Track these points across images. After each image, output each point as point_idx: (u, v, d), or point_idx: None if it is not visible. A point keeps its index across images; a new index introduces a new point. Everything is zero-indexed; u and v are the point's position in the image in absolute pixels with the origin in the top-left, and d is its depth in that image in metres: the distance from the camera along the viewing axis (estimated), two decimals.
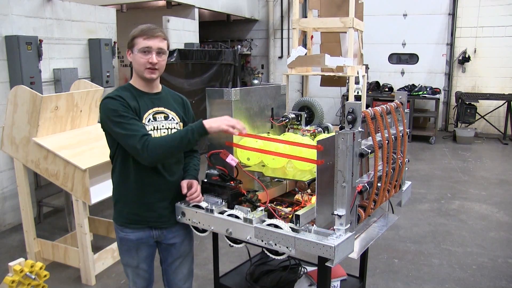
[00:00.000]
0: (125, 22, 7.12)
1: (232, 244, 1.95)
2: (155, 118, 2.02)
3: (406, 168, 2.18)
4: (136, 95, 2.00)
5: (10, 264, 2.46)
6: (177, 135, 1.88)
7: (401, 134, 1.99)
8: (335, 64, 5.09)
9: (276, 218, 1.84)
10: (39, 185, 4.51)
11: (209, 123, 1.86)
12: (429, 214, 4.80)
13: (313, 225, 1.71)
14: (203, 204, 1.99)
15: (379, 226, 2.11)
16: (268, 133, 2.31)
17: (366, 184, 1.72)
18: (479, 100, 8.44)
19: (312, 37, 5.79)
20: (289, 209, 1.96)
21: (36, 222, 3.94)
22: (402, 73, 9.58)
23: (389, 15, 9.37)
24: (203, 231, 2.05)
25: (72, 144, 3.34)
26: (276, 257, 1.87)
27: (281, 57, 10.53)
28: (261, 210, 1.89)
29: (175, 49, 6.19)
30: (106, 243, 3.81)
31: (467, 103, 8.35)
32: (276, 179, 2.24)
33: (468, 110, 8.32)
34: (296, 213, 1.73)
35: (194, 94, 6.44)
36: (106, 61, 5.43)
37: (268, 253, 1.87)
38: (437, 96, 8.59)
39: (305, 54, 5.38)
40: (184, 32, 7.48)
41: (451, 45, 9.10)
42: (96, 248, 3.69)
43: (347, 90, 6.46)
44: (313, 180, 2.01)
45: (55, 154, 3.15)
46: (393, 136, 1.90)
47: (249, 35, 10.93)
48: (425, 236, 4.24)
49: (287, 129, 2.43)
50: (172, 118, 2.07)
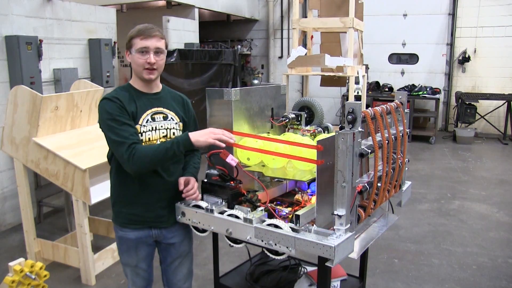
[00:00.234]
0: (125, 22, 7.12)
1: (232, 244, 1.95)
2: (153, 118, 2.01)
3: (406, 168, 2.18)
4: (134, 96, 2.00)
5: (10, 264, 2.46)
6: (162, 147, 1.88)
7: (401, 134, 1.99)
8: (335, 64, 5.09)
9: (276, 218, 1.84)
10: (39, 185, 4.51)
11: (195, 137, 1.86)
12: (429, 214, 4.80)
13: (313, 225, 1.71)
14: (203, 204, 1.99)
15: (379, 226, 2.11)
16: (268, 133, 2.31)
17: (366, 184, 1.72)
18: (479, 100, 8.44)
19: (312, 37, 5.79)
20: (289, 209, 1.96)
21: (36, 222, 3.94)
22: (402, 73, 9.58)
23: (389, 15, 9.37)
24: (203, 231, 2.04)
25: (72, 144, 3.34)
26: (276, 257, 1.86)
27: (281, 57, 10.53)
28: (261, 210, 1.89)
29: (175, 49, 6.19)
30: (106, 243, 3.81)
31: (467, 103, 8.35)
32: (276, 179, 2.24)
33: (468, 110, 8.32)
34: (296, 213, 1.73)
35: (194, 94, 6.44)
36: (106, 61, 5.43)
37: (268, 253, 1.87)
38: (437, 96, 8.58)
39: (305, 54, 5.38)
40: (184, 32, 7.48)
41: (451, 45, 9.10)
42: (96, 248, 3.69)
43: (347, 90, 6.46)
44: (313, 180, 2.01)
45: (55, 154, 3.15)
46: (393, 136, 1.90)
47: (249, 35, 10.93)
48: (425, 236, 4.24)
49: (287, 129, 2.43)
50: (172, 118, 2.07)
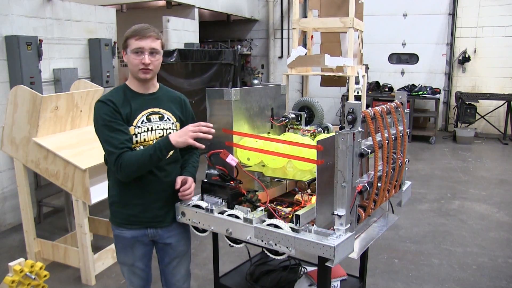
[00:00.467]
0: (125, 22, 7.11)
1: (232, 244, 1.95)
2: (149, 119, 2.02)
3: (406, 168, 2.18)
4: (130, 97, 2.00)
5: (10, 264, 2.46)
6: (146, 154, 1.90)
7: (401, 134, 1.99)
8: (335, 64, 5.09)
9: (276, 218, 1.84)
10: (39, 185, 4.51)
11: (175, 139, 1.87)
12: (429, 214, 4.80)
13: (313, 225, 1.71)
14: (203, 204, 1.99)
15: (379, 226, 2.11)
16: (268, 133, 2.31)
17: (366, 184, 1.72)
18: (479, 100, 8.44)
19: (312, 37, 5.79)
20: (289, 209, 1.96)
21: (36, 222, 3.94)
22: (402, 73, 9.58)
23: (389, 15, 9.37)
24: (203, 231, 2.04)
25: (72, 144, 3.34)
26: (276, 257, 1.87)
27: (281, 57, 10.54)
28: (261, 210, 1.89)
29: (175, 49, 6.19)
30: (106, 243, 3.81)
31: (467, 103, 8.35)
32: (276, 179, 2.24)
33: (468, 110, 8.32)
34: (296, 213, 1.73)
35: (194, 94, 6.44)
36: (106, 61, 5.43)
37: (268, 253, 1.87)
38: (437, 96, 8.58)
39: (305, 54, 5.38)
40: (184, 32, 7.48)
41: (451, 45, 9.10)
42: (96, 248, 3.68)
43: (347, 90, 6.46)
44: (313, 180, 2.01)
45: (55, 154, 3.15)
46: (393, 136, 1.90)
47: (249, 35, 10.93)
48: (425, 236, 4.24)
49: (287, 129, 2.43)
50: (168, 118, 2.07)
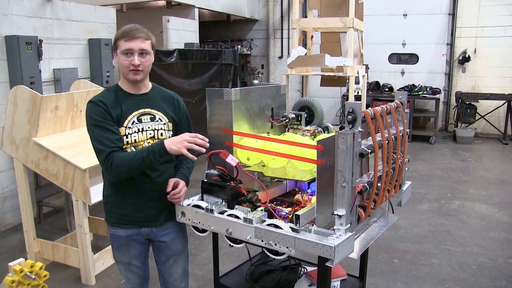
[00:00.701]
0: (125, 22, 7.09)
1: (232, 244, 1.96)
2: (140, 120, 2.01)
3: (406, 168, 2.18)
4: (121, 97, 2.00)
5: (10, 264, 2.46)
6: (139, 156, 1.89)
7: (401, 134, 1.99)
8: (335, 64, 5.09)
9: (276, 218, 1.84)
10: (39, 185, 4.51)
11: (169, 145, 1.87)
12: (429, 214, 4.80)
13: (313, 225, 1.72)
14: (203, 204, 1.99)
15: (379, 226, 2.11)
16: (268, 133, 2.31)
17: (366, 184, 1.72)
18: (479, 100, 8.44)
19: (312, 37, 5.79)
20: (289, 209, 1.97)
21: (36, 222, 3.94)
22: (402, 73, 9.58)
23: (389, 15, 9.37)
24: (203, 231, 2.05)
25: (72, 144, 3.34)
26: (276, 257, 1.87)
27: (281, 57, 10.53)
28: (261, 210, 1.89)
29: (175, 49, 6.19)
30: (106, 243, 3.81)
31: (467, 103, 8.35)
32: (276, 179, 2.24)
33: (468, 110, 8.32)
34: (296, 213, 1.73)
35: (194, 94, 6.44)
36: (106, 61, 5.43)
37: (268, 253, 1.87)
38: (437, 96, 8.59)
39: (305, 54, 5.38)
40: (184, 32, 7.48)
41: (451, 45, 9.10)
42: (96, 248, 3.69)
43: (347, 90, 6.46)
44: (313, 180, 2.01)
45: (55, 154, 3.15)
46: (393, 136, 1.90)
47: (249, 35, 10.93)
48: (425, 236, 4.24)
49: (287, 129, 2.43)
50: (160, 119, 2.07)
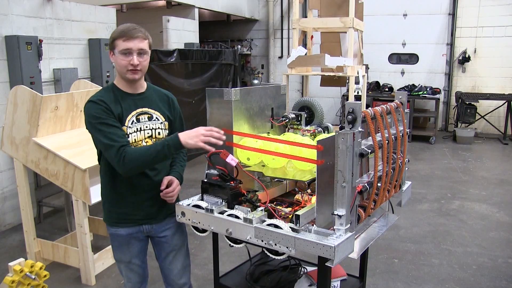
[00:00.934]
0: (125, 22, 7.09)
1: (232, 244, 1.95)
2: (138, 119, 2.02)
3: (406, 168, 2.18)
4: (119, 96, 2.00)
5: (10, 264, 2.46)
6: (153, 149, 1.88)
7: (401, 134, 1.99)
8: (335, 64, 5.09)
9: (276, 218, 1.84)
10: (39, 185, 4.51)
11: (185, 139, 1.85)
12: (429, 214, 4.80)
13: (313, 225, 1.71)
14: (203, 204, 1.99)
15: (379, 226, 2.11)
16: (268, 133, 2.31)
17: (366, 184, 1.72)
18: (479, 100, 8.44)
19: (312, 37, 5.79)
20: (289, 209, 1.96)
21: (36, 222, 3.94)
22: (402, 73, 9.58)
23: (389, 15, 9.37)
24: (203, 231, 2.05)
25: (72, 144, 3.34)
26: (276, 257, 1.87)
27: (281, 57, 10.53)
28: (261, 210, 1.89)
29: (175, 49, 6.18)
30: (106, 243, 3.80)
31: (467, 103, 8.35)
32: (276, 179, 2.24)
33: (468, 110, 8.32)
34: (296, 213, 1.72)
35: (194, 94, 6.43)
36: (106, 61, 5.43)
37: (268, 253, 1.87)
38: (437, 96, 8.59)
39: (305, 54, 5.37)
40: (184, 32, 7.48)
41: (451, 45, 9.10)
42: (96, 248, 3.69)
43: (347, 90, 6.46)
44: (313, 180, 2.01)
45: (55, 154, 3.15)
46: (393, 136, 1.90)
47: (249, 35, 10.93)
48: (425, 236, 4.24)
49: (287, 129, 2.43)
50: (157, 118, 2.07)
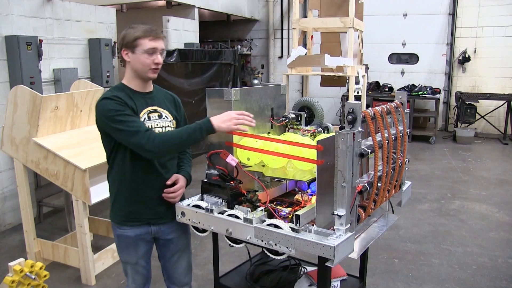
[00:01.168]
0: (125, 22, 7.09)
1: (232, 244, 1.95)
2: (149, 117, 2.04)
3: (406, 168, 2.18)
4: (131, 95, 2.01)
5: (10, 264, 2.46)
6: (184, 132, 1.89)
7: (401, 134, 1.99)
8: (335, 64, 5.09)
9: (276, 218, 1.84)
10: (39, 185, 4.51)
11: (217, 123, 1.87)
12: (429, 214, 4.80)
13: (313, 225, 1.71)
14: (203, 204, 1.99)
15: (379, 226, 2.11)
16: (268, 133, 2.31)
17: (366, 184, 1.72)
18: (479, 100, 8.44)
19: (312, 37, 5.79)
20: (289, 209, 1.96)
21: (36, 222, 3.94)
22: (402, 73, 9.58)
23: (389, 15, 9.37)
24: (203, 231, 2.05)
25: (72, 144, 3.34)
26: (276, 257, 1.87)
27: (281, 57, 10.53)
28: (261, 210, 1.89)
29: (175, 49, 6.19)
30: (106, 243, 3.81)
31: (467, 103, 8.34)
32: (276, 179, 2.24)
33: (468, 110, 8.31)
34: (296, 213, 1.73)
35: (194, 94, 6.44)
36: (106, 61, 5.43)
37: (268, 253, 1.87)
38: (437, 96, 8.58)
39: (305, 54, 5.38)
40: (184, 32, 7.48)
41: (451, 45, 9.10)
42: (96, 248, 3.69)
43: (347, 90, 6.46)
44: (313, 180, 2.01)
45: (55, 154, 3.15)
46: (393, 136, 1.90)
47: (249, 35, 10.93)
48: (425, 236, 4.24)
49: (287, 129, 2.43)
50: (166, 116, 2.09)
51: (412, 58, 9.51)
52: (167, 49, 6.21)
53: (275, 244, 1.72)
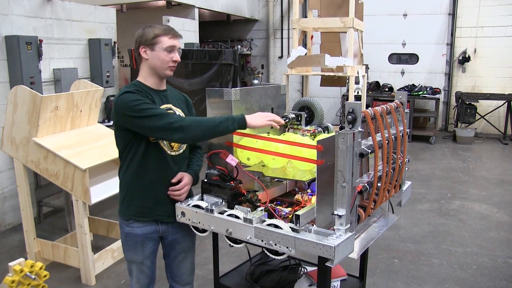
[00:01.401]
0: (125, 22, 7.11)
1: (232, 244, 1.95)
2: None
3: (406, 168, 2.18)
4: (148, 91, 2.03)
5: (10, 264, 2.46)
6: (216, 119, 1.90)
7: (401, 134, 1.99)
8: (335, 64, 5.09)
9: (276, 218, 1.84)
10: (39, 185, 4.51)
11: (249, 119, 1.90)
12: (429, 214, 4.80)
13: (313, 225, 1.71)
14: (203, 204, 1.99)
15: (379, 226, 2.11)
16: (268, 133, 2.31)
17: (366, 184, 1.72)
18: (479, 100, 8.44)
19: (312, 37, 5.79)
20: (289, 209, 1.96)
21: (36, 222, 3.94)
22: (402, 73, 9.58)
23: (389, 15, 9.37)
24: (203, 231, 2.05)
25: (72, 144, 3.34)
26: (276, 257, 1.86)
27: (281, 57, 10.53)
28: (261, 210, 1.89)
29: None
30: (106, 243, 3.81)
31: (467, 103, 8.35)
32: (276, 179, 2.24)
33: (468, 110, 8.32)
34: (296, 213, 1.72)
35: (194, 94, 6.43)
36: (106, 61, 5.43)
37: (268, 253, 1.87)
38: (437, 96, 8.58)
39: (305, 54, 5.38)
40: (184, 32, 7.48)
41: (451, 45, 9.10)
42: (96, 248, 3.69)
43: (347, 90, 6.46)
44: (313, 180, 2.01)
45: (55, 154, 3.15)
46: (393, 136, 1.90)
47: (249, 35, 10.93)
48: (425, 236, 4.24)
49: (287, 129, 2.43)
50: (179, 115, 2.11)
51: (412, 58, 9.51)
52: None
53: (275, 244, 1.72)
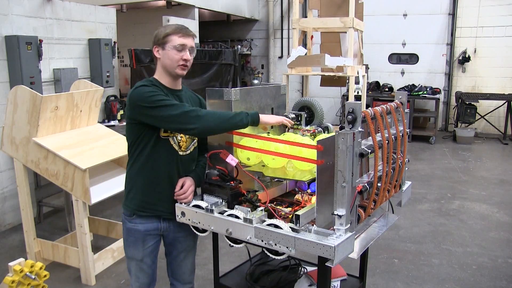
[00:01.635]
0: (125, 22, 7.12)
1: (232, 244, 1.95)
2: None
3: (406, 168, 2.18)
4: (163, 89, 2.05)
5: (10, 264, 2.46)
6: (230, 112, 1.95)
7: (401, 134, 1.99)
8: (335, 64, 5.09)
9: (276, 218, 1.84)
10: (39, 185, 4.51)
11: (263, 117, 1.99)
12: (429, 214, 4.80)
13: (313, 225, 1.71)
14: (203, 204, 1.99)
15: (379, 226, 2.11)
16: (268, 133, 2.31)
17: (366, 184, 1.71)
18: (479, 100, 8.44)
19: (312, 37, 5.79)
20: (289, 209, 1.96)
21: (36, 222, 3.94)
22: (402, 73, 9.58)
23: (389, 15, 9.37)
24: (203, 231, 2.05)
25: (72, 144, 3.34)
26: (276, 257, 1.86)
27: (281, 57, 10.53)
28: (261, 210, 1.89)
29: None
30: (106, 243, 3.80)
31: (467, 103, 8.35)
32: (276, 179, 2.24)
33: (468, 110, 8.32)
34: (296, 213, 1.72)
35: None
36: (106, 61, 5.43)
37: (268, 253, 1.87)
38: (437, 96, 8.58)
39: (305, 54, 5.38)
40: None
41: (451, 45, 9.10)
42: (96, 248, 3.69)
43: (347, 90, 6.46)
44: (313, 180, 2.01)
45: (55, 154, 3.15)
46: (393, 136, 1.89)
47: (249, 35, 10.93)
48: (425, 236, 4.24)
49: (287, 129, 2.43)
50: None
51: (412, 58, 9.51)
52: None
53: (275, 244, 1.72)
